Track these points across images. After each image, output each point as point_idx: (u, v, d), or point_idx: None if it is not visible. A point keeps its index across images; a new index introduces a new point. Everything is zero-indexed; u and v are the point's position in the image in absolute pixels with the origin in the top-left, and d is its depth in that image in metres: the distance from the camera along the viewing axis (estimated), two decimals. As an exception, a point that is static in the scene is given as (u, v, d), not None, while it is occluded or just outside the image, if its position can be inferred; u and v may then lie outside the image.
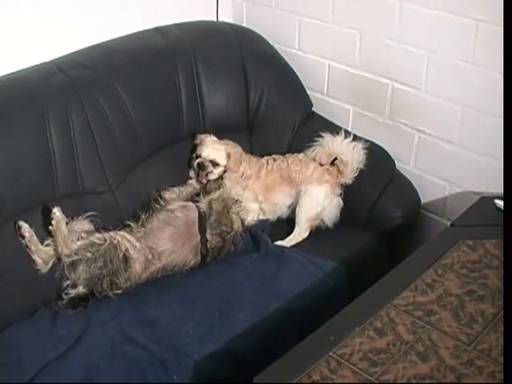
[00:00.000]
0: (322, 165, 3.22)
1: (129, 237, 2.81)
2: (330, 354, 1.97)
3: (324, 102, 3.63)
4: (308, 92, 3.61)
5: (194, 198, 3.10)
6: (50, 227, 2.75)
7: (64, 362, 2.48)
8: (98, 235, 2.77)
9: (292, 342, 2.09)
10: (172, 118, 3.32)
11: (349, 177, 3.20)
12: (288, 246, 3.09)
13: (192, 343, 2.52)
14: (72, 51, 3.20)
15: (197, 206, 3.02)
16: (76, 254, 2.74)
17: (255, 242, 3.09)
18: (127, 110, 3.13)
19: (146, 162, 3.24)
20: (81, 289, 2.73)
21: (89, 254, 2.72)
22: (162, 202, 3.05)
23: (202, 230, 2.97)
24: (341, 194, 3.22)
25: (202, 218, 2.98)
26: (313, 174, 3.19)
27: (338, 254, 2.99)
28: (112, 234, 2.79)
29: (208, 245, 2.96)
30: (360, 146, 3.21)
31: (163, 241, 2.90)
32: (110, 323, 2.64)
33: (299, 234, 3.14)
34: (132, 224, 2.93)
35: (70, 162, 2.95)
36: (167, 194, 3.13)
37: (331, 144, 3.22)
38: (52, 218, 2.74)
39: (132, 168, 3.18)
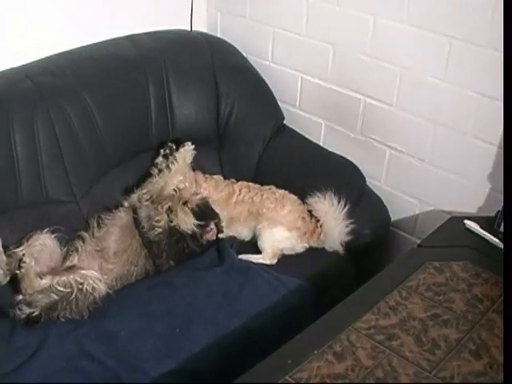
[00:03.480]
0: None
1: (93, 274, 2.71)
2: (287, 377, 1.89)
3: (296, 115, 3.56)
4: (280, 105, 3.54)
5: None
6: (18, 272, 2.65)
7: (19, 375, 2.38)
8: (63, 279, 2.64)
9: (252, 361, 2.00)
10: (140, 127, 3.23)
11: (315, 244, 3.07)
12: (254, 261, 2.98)
13: (150, 359, 2.43)
14: (41, 57, 3.11)
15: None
16: (39, 292, 2.64)
17: (220, 256, 2.99)
18: (94, 119, 3.03)
19: (113, 172, 3.16)
20: (35, 311, 2.60)
21: (53, 296, 2.61)
22: None
23: (138, 223, 2.90)
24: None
25: (135, 212, 2.92)
26: (286, 216, 3.05)
27: (304, 271, 2.91)
28: (77, 277, 2.66)
29: (149, 237, 2.87)
30: (347, 238, 3.03)
31: (113, 243, 2.86)
32: (67, 337, 2.53)
33: (265, 258, 2.99)
34: (85, 233, 2.88)
35: (34, 170, 2.86)
36: (127, 202, 3.03)
37: (327, 215, 3.03)
38: (21, 267, 2.64)
39: (98, 178, 3.09)
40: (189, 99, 3.34)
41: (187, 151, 3.14)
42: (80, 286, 2.63)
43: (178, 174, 3.00)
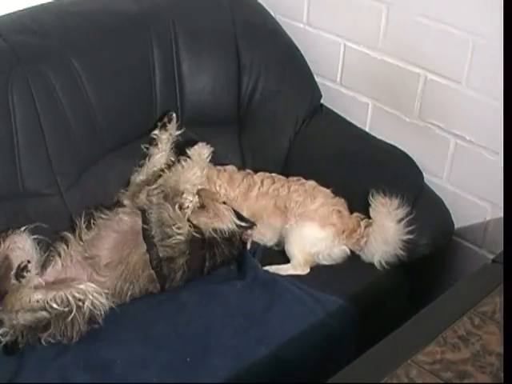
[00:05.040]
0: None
1: (93, 287, 2.70)
2: (331, 424, 1.92)
3: (336, 92, 3.58)
4: (317, 79, 3.57)
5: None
6: (14, 281, 2.65)
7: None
8: (60, 294, 2.64)
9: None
10: (142, 104, 3.27)
11: (352, 247, 3.12)
12: (282, 274, 3.02)
13: (154, 397, 2.46)
14: (16, 10, 3.14)
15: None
16: (28, 310, 2.64)
17: (241, 267, 3.03)
18: (85, 91, 3.07)
19: (107, 158, 3.20)
20: (11, 334, 2.62)
21: (45, 314, 2.62)
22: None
23: (146, 233, 2.90)
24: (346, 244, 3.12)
25: (144, 217, 2.93)
26: (317, 210, 3.11)
27: (346, 289, 2.93)
28: (75, 293, 2.65)
29: (160, 253, 2.87)
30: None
31: (105, 252, 2.87)
32: (49, 365, 2.55)
33: (296, 267, 3.04)
34: (69, 235, 2.90)
35: (7, 154, 2.90)
36: (126, 199, 3.08)
37: (386, 222, 3.06)
38: (23, 276, 2.63)
39: (88, 165, 3.13)
40: (203, 70, 3.38)
41: (202, 148, 3.18)
42: (79, 304, 2.63)
43: (195, 168, 3.03)
